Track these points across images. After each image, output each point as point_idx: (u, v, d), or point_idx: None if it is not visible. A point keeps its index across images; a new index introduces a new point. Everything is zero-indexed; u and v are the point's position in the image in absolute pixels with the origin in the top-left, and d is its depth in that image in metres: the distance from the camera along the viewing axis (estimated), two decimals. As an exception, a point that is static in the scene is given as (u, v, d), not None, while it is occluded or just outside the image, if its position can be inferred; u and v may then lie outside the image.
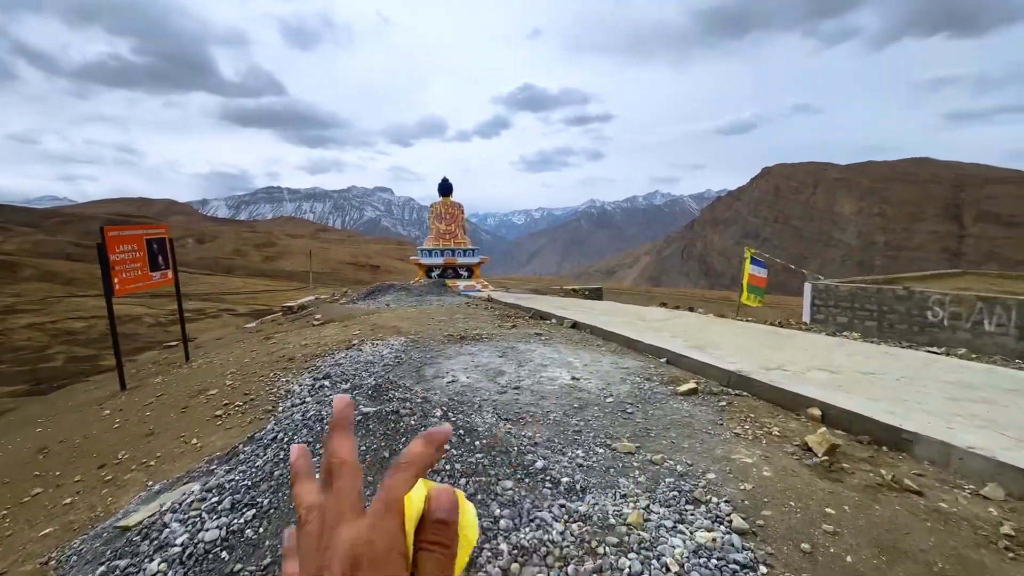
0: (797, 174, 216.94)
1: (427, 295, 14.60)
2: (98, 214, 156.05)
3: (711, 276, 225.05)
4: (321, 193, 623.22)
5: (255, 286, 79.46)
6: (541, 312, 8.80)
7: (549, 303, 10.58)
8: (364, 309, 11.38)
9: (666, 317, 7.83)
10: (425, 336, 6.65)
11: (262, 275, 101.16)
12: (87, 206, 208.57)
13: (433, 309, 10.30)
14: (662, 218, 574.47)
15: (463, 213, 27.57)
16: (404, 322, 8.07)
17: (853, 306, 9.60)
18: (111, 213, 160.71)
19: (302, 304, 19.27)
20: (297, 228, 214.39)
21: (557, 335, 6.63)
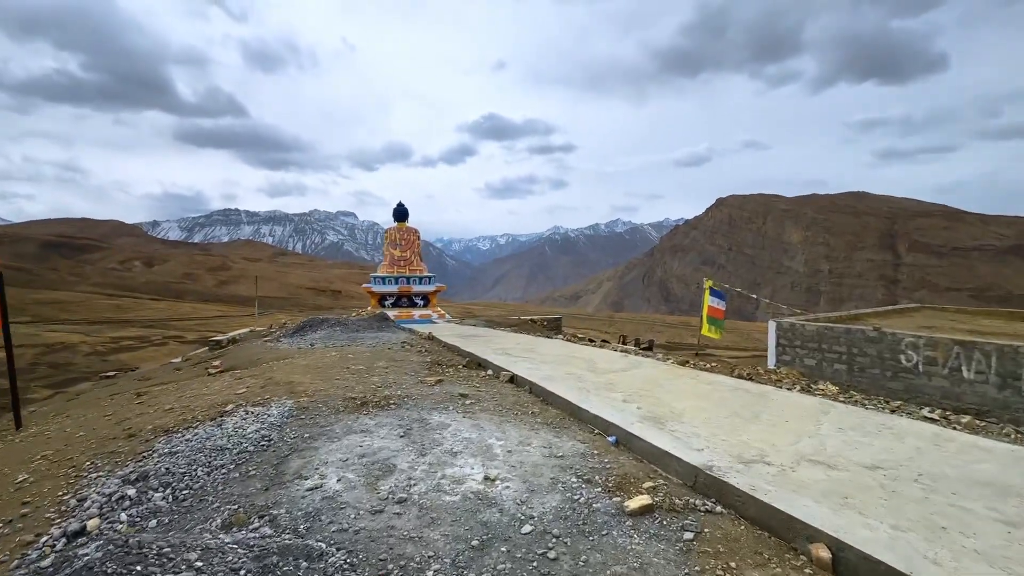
0: (749, 205, 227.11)
1: (363, 331, 13.13)
2: (36, 235, 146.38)
3: (671, 301, 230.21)
4: (281, 216, 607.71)
5: (207, 312, 75.04)
6: (478, 359, 7.56)
7: (494, 344, 9.35)
8: (280, 351, 9.83)
9: (621, 367, 6.72)
10: (322, 399, 5.27)
11: (216, 300, 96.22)
12: (24, 226, 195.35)
13: (357, 352, 8.89)
14: (623, 245, 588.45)
15: (419, 239, 26.15)
16: (309, 375, 6.64)
17: (821, 347, 8.81)
18: (51, 234, 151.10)
19: (233, 337, 17.38)
20: (255, 252, 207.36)
21: (487, 396, 5.38)
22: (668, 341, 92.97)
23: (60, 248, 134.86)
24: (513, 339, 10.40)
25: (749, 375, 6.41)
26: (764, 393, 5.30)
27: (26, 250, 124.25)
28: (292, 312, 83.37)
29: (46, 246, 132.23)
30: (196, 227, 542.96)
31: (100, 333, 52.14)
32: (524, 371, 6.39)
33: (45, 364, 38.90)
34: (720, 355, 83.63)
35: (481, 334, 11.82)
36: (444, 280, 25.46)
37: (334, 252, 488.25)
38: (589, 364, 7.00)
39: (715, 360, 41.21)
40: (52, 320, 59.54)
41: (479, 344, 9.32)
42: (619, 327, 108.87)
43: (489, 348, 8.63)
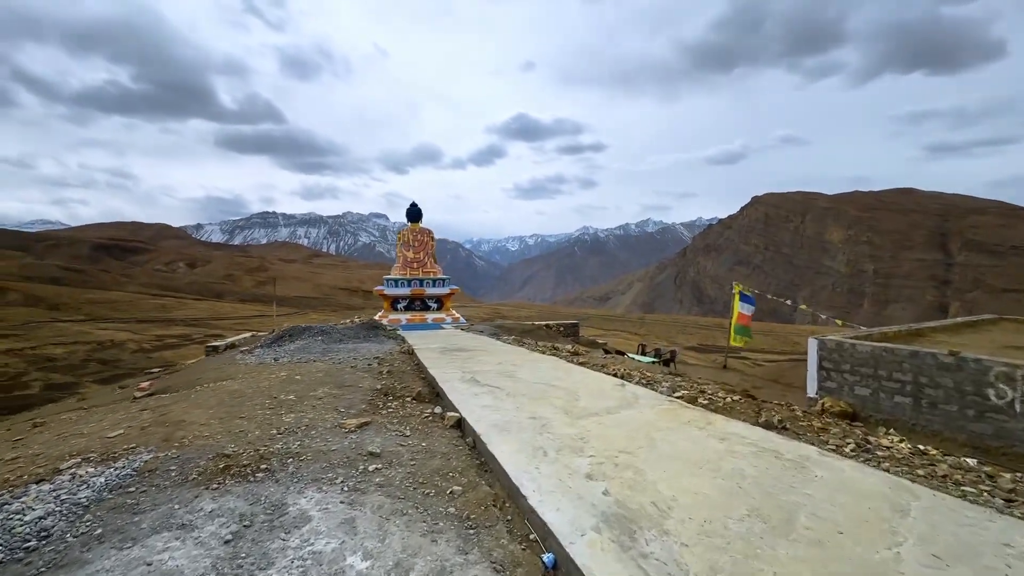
0: (786, 203, 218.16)
1: (344, 341, 11.96)
2: (89, 238, 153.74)
3: (704, 302, 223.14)
4: (316, 218, 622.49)
5: (245, 311, 76.60)
6: (437, 388, 6.13)
7: (472, 364, 7.88)
8: (229, 370, 8.62)
9: (608, 406, 5.13)
10: (187, 454, 3.92)
11: (254, 300, 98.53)
12: (79, 230, 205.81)
13: (310, 372, 7.59)
14: (654, 245, 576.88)
15: (433, 240, 24.70)
16: (216, 410, 5.33)
17: (877, 373, 6.96)
18: (103, 237, 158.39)
19: (232, 342, 16.59)
20: (291, 253, 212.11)
21: (406, 456, 3.90)
22: (700, 343, 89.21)
23: (111, 250, 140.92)
24: (500, 356, 8.88)
25: (781, 422, 4.71)
26: (802, 462, 3.63)
27: (80, 252, 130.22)
28: (325, 312, 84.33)
29: (98, 248, 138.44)
30: (236, 230, 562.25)
31: (146, 331, 53.55)
32: (479, 410, 4.89)
33: (96, 360, 39.89)
34: (755, 358, 79.88)
35: (471, 347, 10.36)
36: (473, 281, 24.28)
37: (367, 253, 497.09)
38: (569, 399, 5.43)
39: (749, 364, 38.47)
40: (103, 318, 61.58)
41: (454, 364, 7.86)
42: (649, 328, 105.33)
43: (460, 371, 7.16)
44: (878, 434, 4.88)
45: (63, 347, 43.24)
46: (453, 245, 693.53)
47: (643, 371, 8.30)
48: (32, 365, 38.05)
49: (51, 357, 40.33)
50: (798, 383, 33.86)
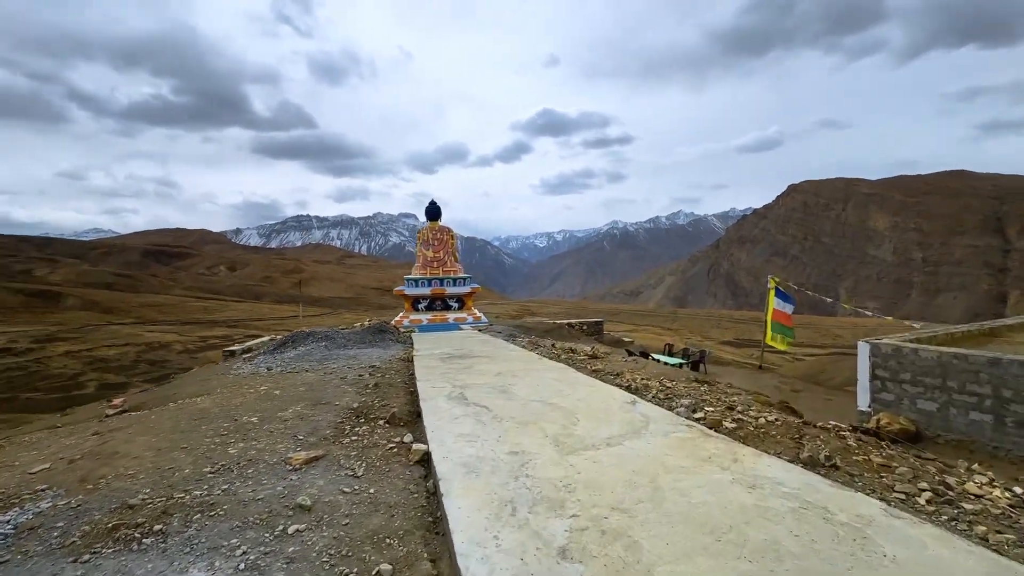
0: (826, 190, 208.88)
1: (346, 348, 11.40)
2: (138, 245, 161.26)
3: (739, 295, 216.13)
4: (348, 220, 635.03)
5: (282, 312, 78.58)
6: (417, 409, 5.35)
7: (467, 376, 7.08)
8: (211, 382, 8.10)
9: (610, 434, 4.21)
10: (88, 505, 3.25)
11: (290, 300, 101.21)
12: (128, 237, 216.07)
13: (292, 385, 6.97)
14: (686, 238, 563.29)
15: (454, 238, 23.87)
16: (159, 437, 4.69)
17: (946, 384, 5.78)
18: (149, 243, 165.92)
19: (248, 347, 16.32)
20: (324, 255, 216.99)
21: (343, 509, 3.09)
22: (735, 338, 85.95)
23: (158, 256, 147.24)
24: (504, 364, 8.04)
25: (829, 458, 3.70)
26: (864, 528, 2.65)
27: (131, 258, 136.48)
28: (358, 311, 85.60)
29: (146, 254, 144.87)
30: (273, 233, 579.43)
31: (191, 333, 55.39)
32: (453, 441, 4.06)
33: (145, 361, 41.39)
34: (793, 352, 76.58)
35: (477, 353, 9.57)
36: (502, 278, 23.63)
37: (397, 253, 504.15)
38: (565, 424, 4.54)
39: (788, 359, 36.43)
40: (152, 321, 64.07)
41: (449, 375, 7.07)
42: (682, 323, 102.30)
43: (451, 384, 6.35)
44: (958, 470, 3.80)
45: (116, 349, 44.99)
46: (481, 243, 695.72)
47: (664, 380, 7.31)
48: (88, 366, 39.70)
49: (105, 358, 42.02)
50: (840, 378, 31.73)
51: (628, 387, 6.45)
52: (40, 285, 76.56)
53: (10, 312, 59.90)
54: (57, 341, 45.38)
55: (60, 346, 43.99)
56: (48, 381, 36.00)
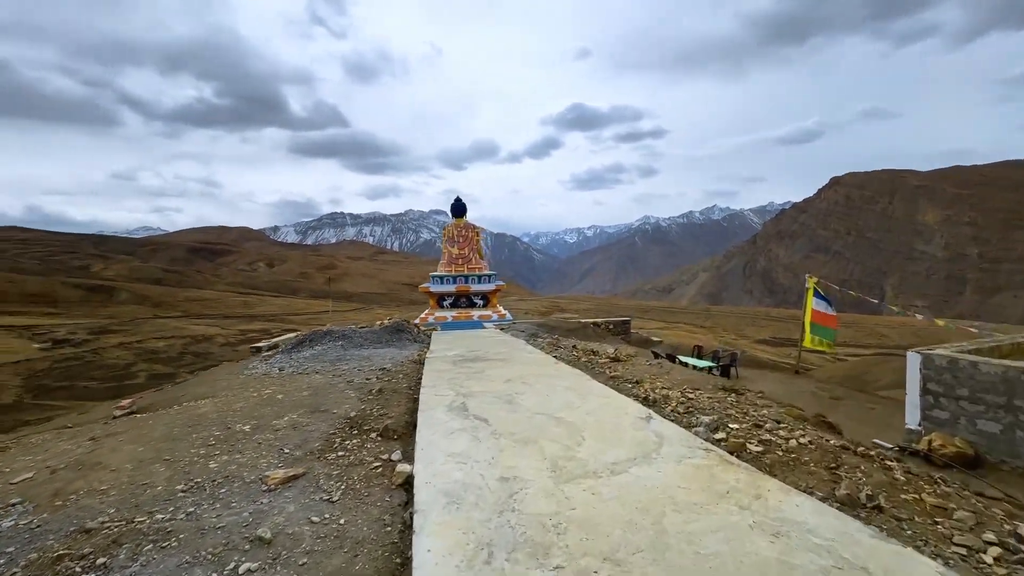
0: (871, 183, 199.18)
1: (362, 348, 11.23)
2: (184, 242, 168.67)
3: (776, 293, 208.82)
4: (380, 217, 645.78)
5: (317, 307, 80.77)
6: (414, 419, 5.02)
7: (475, 382, 6.73)
8: (229, 382, 8.02)
9: (616, 458, 3.77)
10: (30, 529, 3.05)
11: (324, 296, 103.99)
12: (175, 235, 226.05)
13: (296, 389, 6.82)
14: (721, 233, 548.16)
15: (479, 236, 23.42)
16: (147, 446, 4.52)
17: (1012, 403, 5.07)
18: (195, 241, 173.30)
19: (275, 343, 16.49)
20: (357, 251, 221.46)
21: (306, 543, 2.75)
22: (772, 336, 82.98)
23: (202, 252, 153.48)
24: (516, 369, 7.64)
25: (872, 498, 3.15)
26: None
27: (177, 255, 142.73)
28: (390, 307, 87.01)
29: (192, 251, 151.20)
30: (309, 230, 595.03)
31: (232, 326, 57.55)
32: (442, 462, 3.71)
33: (191, 353, 43.25)
34: (834, 353, 73.09)
35: (492, 355, 9.21)
36: (531, 275, 23.34)
37: (428, 249, 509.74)
38: (569, 442, 4.11)
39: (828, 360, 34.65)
40: (196, 315, 66.91)
41: (457, 381, 6.73)
42: (716, 320, 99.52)
43: (455, 392, 6.01)
44: (1030, 513, 3.20)
45: (164, 341, 47.02)
46: (511, 239, 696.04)
47: (687, 389, 6.77)
48: (139, 357, 41.64)
49: (154, 350, 43.99)
50: (885, 381, 29.95)
51: (645, 398, 5.96)
52: (96, 280, 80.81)
53: (69, 305, 63.41)
54: (111, 333, 47.77)
55: (113, 338, 46.27)
56: (103, 371, 37.93)
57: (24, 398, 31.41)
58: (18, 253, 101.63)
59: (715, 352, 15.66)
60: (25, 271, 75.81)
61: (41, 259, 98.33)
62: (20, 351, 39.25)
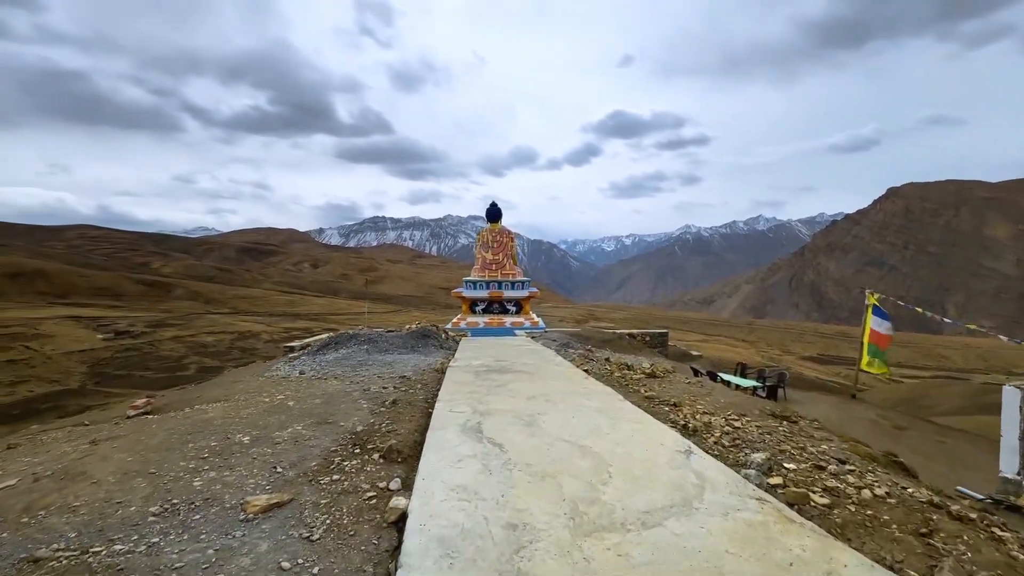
0: (933, 194, 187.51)
1: (386, 352, 10.96)
2: (236, 242, 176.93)
3: (825, 308, 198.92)
4: (420, 222, 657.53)
5: (357, 307, 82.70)
6: (423, 438, 4.54)
7: (496, 397, 6.20)
8: (246, 385, 7.81)
9: (646, 504, 3.15)
10: None
11: (363, 297, 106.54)
12: (228, 235, 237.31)
13: (307, 395, 6.53)
14: (766, 244, 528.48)
15: (513, 241, 22.97)
16: (136, 456, 4.22)
17: None
18: (245, 241, 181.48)
19: (307, 343, 16.53)
20: (397, 254, 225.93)
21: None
22: (820, 353, 78.75)
23: (251, 252, 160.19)
24: (542, 384, 7.05)
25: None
26: None
27: (229, 255, 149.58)
28: (426, 310, 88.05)
29: (242, 251, 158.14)
30: (351, 233, 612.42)
31: (276, 324, 59.53)
32: (443, 497, 3.19)
33: (238, 348, 45.08)
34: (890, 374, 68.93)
35: (519, 366, 8.67)
36: (568, 282, 22.90)
37: (465, 254, 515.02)
38: (593, 480, 3.51)
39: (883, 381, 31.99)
40: (244, 312, 69.68)
41: (476, 395, 6.21)
42: (759, 335, 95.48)
43: (472, 409, 5.49)
44: None
45: (214, 336, 49.04)
46: (548, 246, 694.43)
47: (732, 415, 6.03)
48: (191, 350, 43.54)
49: (204, 344, 45.94)
50: (946, 406, 27.42)
51: (684, 426, 5.27)
52: (155, 276, 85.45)
53: (130, 299, 67.22)
54: (166, 326, 50.20)
55: (169, 331, 48.60)
56: (158, 362, 39.88)
57: (87, 384, 33.22)
58: (90, 249, 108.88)
59: (760, 371, 14.57)
60: (94, 266, 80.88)
61: (108, 255, 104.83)
62: (86, 340, 41.66)
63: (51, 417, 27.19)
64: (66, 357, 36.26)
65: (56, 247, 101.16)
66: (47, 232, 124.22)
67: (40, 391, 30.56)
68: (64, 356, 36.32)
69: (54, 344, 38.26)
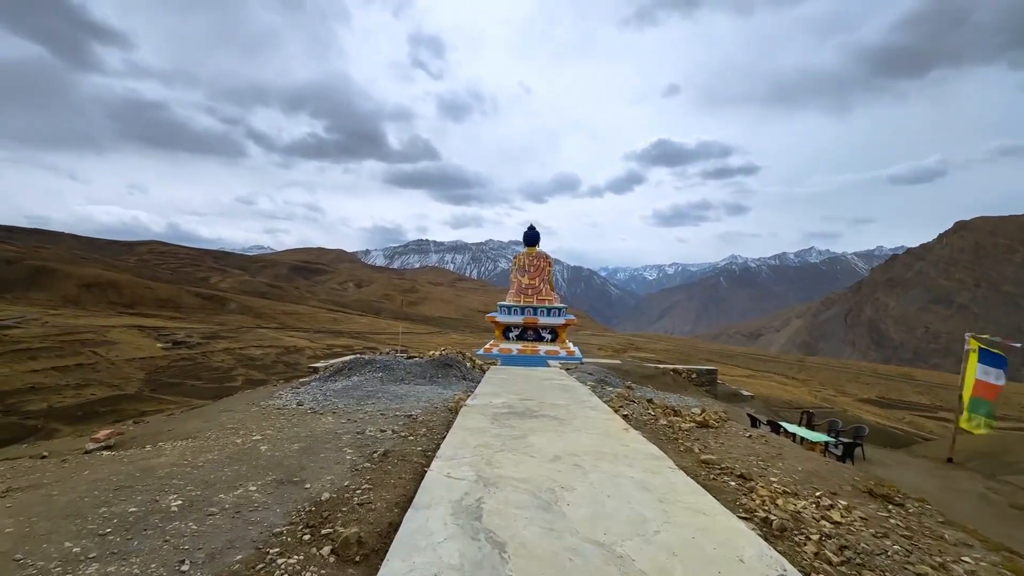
0: (1007, 229, 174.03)
1: (404, 382, 10.11)
2: (287, 261, 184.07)
3: (885, 347, 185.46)
4: (462, 245, 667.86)
5: (396, 327, 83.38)
6: (395, 523, 3.31)
7: (519, 448, 4.91)
8: (227, 417, 6.86)
9: None
10: None
11: (404, 318, 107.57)
12: (281, 254, 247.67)
13: (287, 437, 5.45)
14: (818, 277, 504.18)
15: (551, 265, 22.18)
16: (42, 525, 3.18)
17: None
18: (297, 260, 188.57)
19: (329, 364, 15.85)
20: (438, 277, 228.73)
21: None
22: (880, 396, 72.43)
23: (302, 271, 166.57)
24: (570, 440, 5.61)
25: None
26: None
27: (280, 272, 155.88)
28: (464, 332, 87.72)
29: (293, 269, 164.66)
30: (395, 255, 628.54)
31: (320, 340, 60.54)
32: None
33: (282, 363, 46.14)
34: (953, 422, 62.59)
35: (544, 409, 7.30)
36: (607, 310, 21.61)
37: (505, 279, 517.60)
38: None
39: (948, 430, 28.21)
40: (291, 327, 71.56)
41: (485, 453, 4.87)
42: (811, 373, 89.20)
43: (477, 473, 4.18)
44: None
45: (261, 349, 50.19)
46: (587, 273, 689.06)
47: (823, 501, 4.48)
48: (239, 362, 44.58)
49: (252, 357, 47.00)
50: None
51: (765, 519, 3.79)
52: (212, 291, 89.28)
53: (189, 311, 70.16)
54: (219, 339, 51.79)
55: (221, 343, 50.13)
56: (209, 372, 41.06)
57: (144, 390, 34.28)
58: (157, 264, 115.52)
59: (832, 423, 12.46)
60: (160, 279, 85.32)
61: (173, 270, 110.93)
62: (147, 348, 43.41)
63: (109, 419, 28.01)
64: (128, 364, 37.70)
65: (128, 261, 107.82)
66: (122, 247, 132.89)
67: (101, 395, 31.67)
68: (126, 363, 37.80)
69: (118, 351, 39.98)
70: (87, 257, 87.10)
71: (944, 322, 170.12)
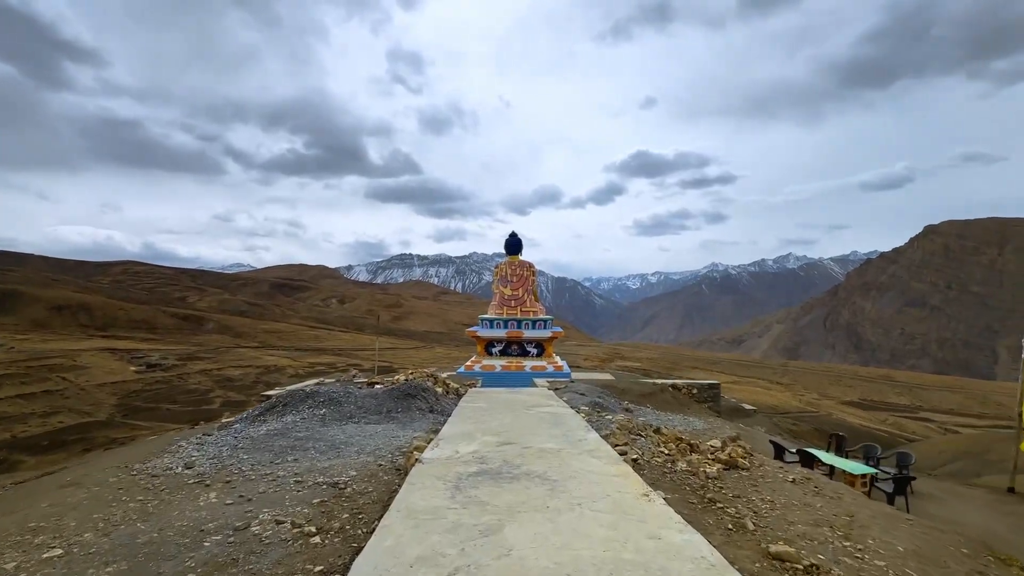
0: (974, 232, 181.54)
1: (351, 420, 8.63)
2: (268, 278, 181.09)
3: (863, 350, 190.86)
4: (445, 259, 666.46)
5: (381, 344, 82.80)
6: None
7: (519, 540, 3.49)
8: (80, 493, 5.46)
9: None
10: None
11: (389, 333, 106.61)
12: (262, 271, 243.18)
13: (120, 537, 4.07)
14: (797, 283, 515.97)
15: (535, 275, 21.36)
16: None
17: None
18: (277, 277, 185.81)
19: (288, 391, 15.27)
20: (422, 291, 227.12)
21: None
22: (862, 398, 74.58)
23: (283, 288, 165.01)
24: (562, 521, 3.98)
25: None
26: None
27: (261, 290, 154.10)
28: (449, 346, 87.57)
29: (274, 286, 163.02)
30: (379, 270, 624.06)
31: (302, 358, 59.94)
32: None
33: (263, 383, 45.78)
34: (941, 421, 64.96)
35: (524, 465, 5.60)
36: (592, 320, 21.45)
37: (489, 291, 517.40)
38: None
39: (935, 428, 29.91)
40: (271, 346, 70.73)
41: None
42: (795, 377, 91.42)
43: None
44: None
45: (240, 370, 49.49)
46: (571, 283, 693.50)
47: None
48: (217, 384, 43.92)
49: (231, 378, 46.32)
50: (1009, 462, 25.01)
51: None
52: (190, 310, 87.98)
53: (165, 332, 69.03)
54: (196, 360, 51.03)
55: (198, 364, 49.39)
56: (185, 395, 40.28)
57: (115, 416, 33.59)
58: (132, 284, 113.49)
59: (867, 448, 10.09)
60: (134, 300, 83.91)
61: (148, 290, 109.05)
62: (119, 372, 42.54)
63: (78, 448, 26.84)
64: (99, 388, 36.91)
65: (102, 282, 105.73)
66: (95, 268, 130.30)
67: (70, 422, 30.95)
68: (97, 387, 36.97)
69: (88, 376, 39.11)
70: (57, 279, 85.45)
71: (918, 323, 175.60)
